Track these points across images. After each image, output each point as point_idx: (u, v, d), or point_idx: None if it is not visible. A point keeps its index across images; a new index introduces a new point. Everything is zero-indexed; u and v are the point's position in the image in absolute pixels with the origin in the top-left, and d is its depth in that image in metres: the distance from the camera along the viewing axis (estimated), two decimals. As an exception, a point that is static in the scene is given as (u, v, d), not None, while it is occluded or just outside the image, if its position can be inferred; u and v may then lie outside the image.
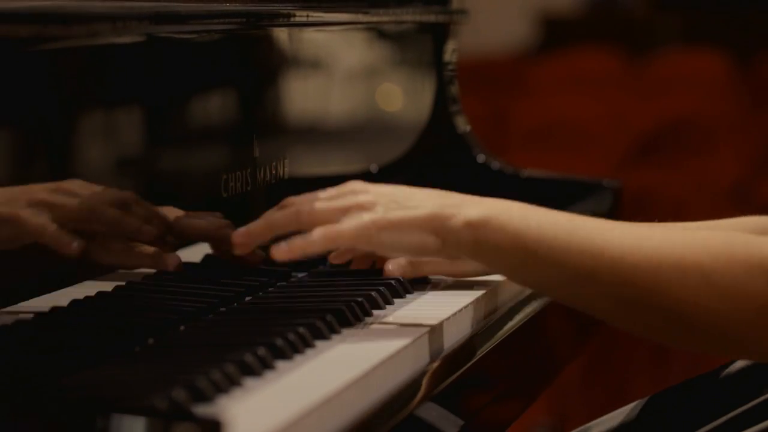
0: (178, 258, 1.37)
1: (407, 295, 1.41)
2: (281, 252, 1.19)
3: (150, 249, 1.36)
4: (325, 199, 1.23)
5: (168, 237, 1.28)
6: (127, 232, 1.24)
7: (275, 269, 1.46)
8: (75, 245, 1.20)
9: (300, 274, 1.50)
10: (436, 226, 1.20)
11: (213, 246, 1.45)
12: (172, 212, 1.42)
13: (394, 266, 1.39)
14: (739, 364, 1.40)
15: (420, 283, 1.43)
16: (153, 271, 1.40)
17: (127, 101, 1.40)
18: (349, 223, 1.20)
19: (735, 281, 1.14)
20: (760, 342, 1.17)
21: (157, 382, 1.03)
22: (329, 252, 1.50)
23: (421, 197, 1.22)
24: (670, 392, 1.44)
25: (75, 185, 1.24)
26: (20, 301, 1.25)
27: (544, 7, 7.66)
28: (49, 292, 1.29)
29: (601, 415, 1.47)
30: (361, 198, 1.22)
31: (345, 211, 1.21)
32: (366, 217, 1.20)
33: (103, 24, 1.29)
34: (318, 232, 1.19)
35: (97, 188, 1.26)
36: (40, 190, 1.21)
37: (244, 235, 1.24)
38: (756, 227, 1.41)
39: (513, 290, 1.49)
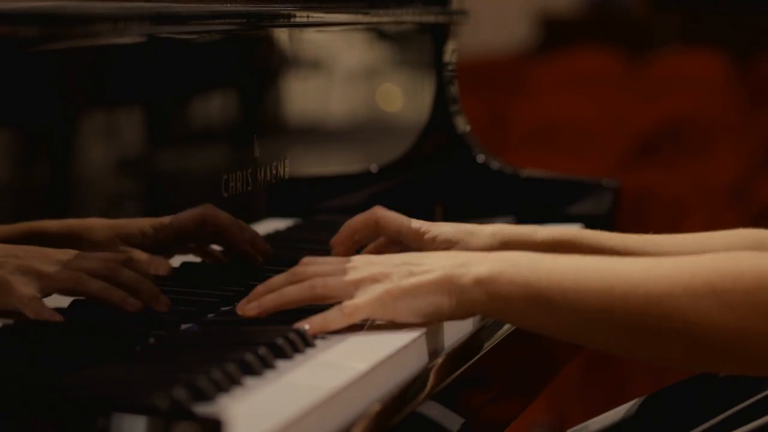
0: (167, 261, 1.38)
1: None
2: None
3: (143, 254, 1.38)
4: (338, 272, 1.24)
5: (159, 297, 1.30)
6: (113, 303, 1.26)
7: (275, 269, 1.46)
8: (55, 320, 1.22)
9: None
10: (449, 288, 1.21)
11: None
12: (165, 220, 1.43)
13: None
14: None
15: None
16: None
17: (128, 102, 1.40)
18: (365, 297, 1.22)
19: (746, 297, 1.15)
20: None
21: (158, 381, 1.03)
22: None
23: (431, 261, 1.24)
24: (670, 390, 1.44)
25: (65, 255, 1.26)
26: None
27: (544, 8, 7.66)
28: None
29: (600, 414, 1.47)
30: (373, 270, 1.23)
31: (358, 284, 1.23)
32: (380, 289, 1.22)
33: (103, 24, 1.29)
34: (335, 311, 1.22)
35: (87, 257, 1.28)
36: (33, 257, 1.23)
37: (255, 309, 1.25)
38: (750, 237, 1.41)
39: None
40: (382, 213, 1.44)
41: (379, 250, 1.46)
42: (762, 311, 1.15)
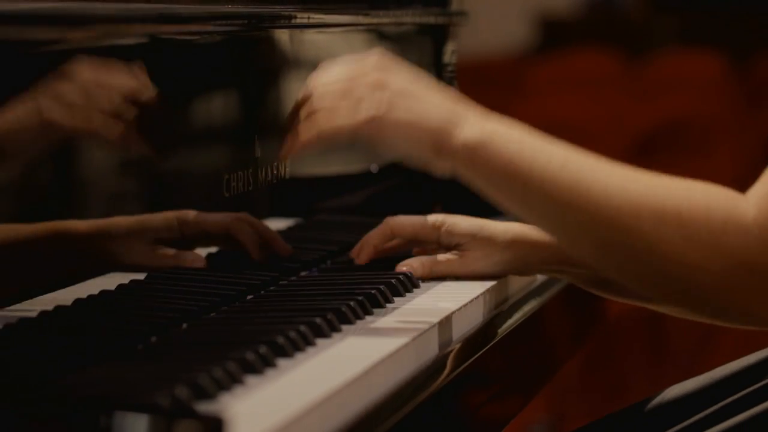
0: (200, 256, 1.45)
1: (415, 290, 1.43)
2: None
3: (171, 250, 1.42)
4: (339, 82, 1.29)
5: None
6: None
7: (276, 268, 1.47)
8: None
9: (304, 272, 1.51)
10: (435, 140, 1.23)
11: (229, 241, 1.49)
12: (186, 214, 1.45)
13: (407, 267, 1.45)
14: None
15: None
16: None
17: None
18: (361, 113, 1.25)
19: (710, 235, 1.16)
20: (731, 302, 1.18)
21: (160, 379, 1.03)
22: (334, 252, 1.52)
23: (431, 103, 1.25)
24: (664, 393, 1.44)
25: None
26: (23, 299, 1.26)
27: (543, 9, 7.66)
28: (52, 291, 1.29)
29: (600, 413, 1.47)
30: (377, 95, 1.26)
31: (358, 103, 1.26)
32: (378, 110, 1.24)
33: (105, 25, 1.30)
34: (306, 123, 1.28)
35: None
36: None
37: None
38: None
39: (519, 285, 1.53)
40: (395, 222, 1.47)
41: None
42: (722, 254, 1.16)
